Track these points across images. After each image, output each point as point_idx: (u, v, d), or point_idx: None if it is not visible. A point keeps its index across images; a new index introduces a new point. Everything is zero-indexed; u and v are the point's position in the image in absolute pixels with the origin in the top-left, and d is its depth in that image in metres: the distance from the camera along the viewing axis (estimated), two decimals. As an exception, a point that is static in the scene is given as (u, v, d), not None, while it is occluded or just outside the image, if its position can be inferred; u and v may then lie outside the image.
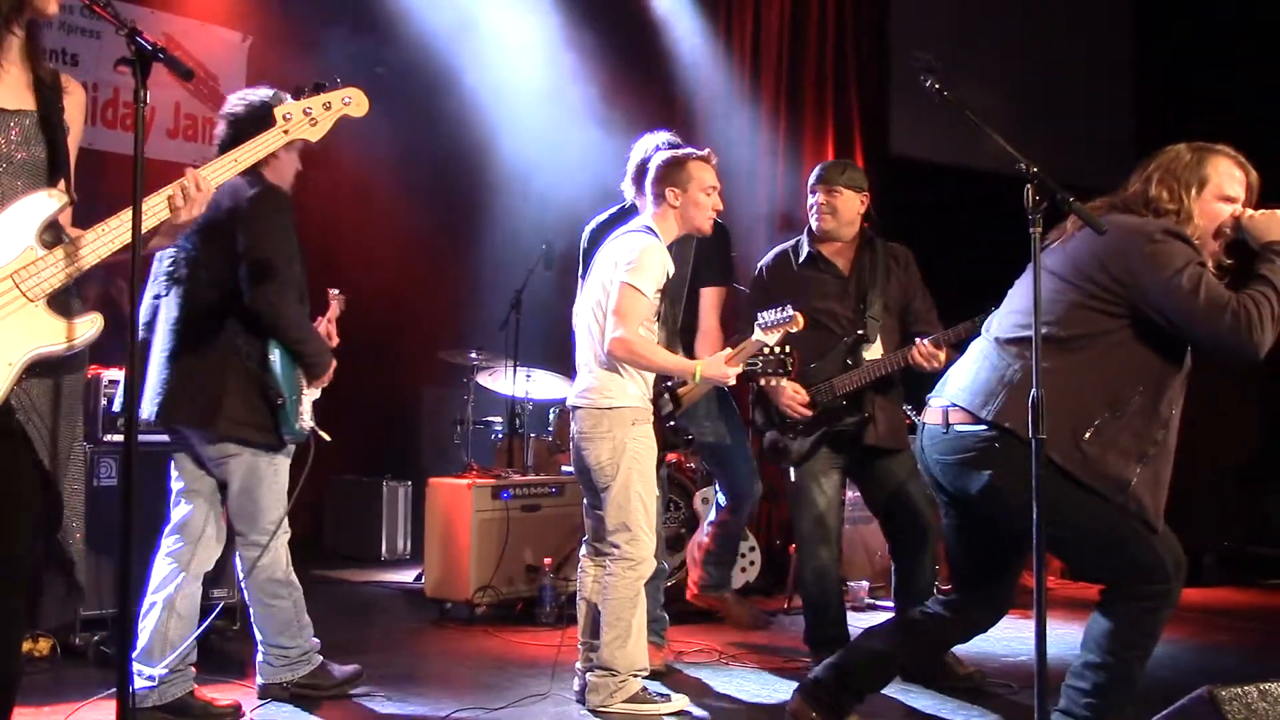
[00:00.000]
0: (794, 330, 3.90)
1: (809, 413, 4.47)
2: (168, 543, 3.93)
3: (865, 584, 6.28)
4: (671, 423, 4.30)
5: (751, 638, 5.39)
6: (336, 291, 4.30)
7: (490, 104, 7.47)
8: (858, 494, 5.69)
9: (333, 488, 7.71)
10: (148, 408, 3.77)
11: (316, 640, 4.12)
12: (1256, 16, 8.25)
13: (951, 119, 3.32)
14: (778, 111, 8.15)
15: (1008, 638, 5.14)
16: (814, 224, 4.61)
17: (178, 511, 3.96)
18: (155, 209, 2.62)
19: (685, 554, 5.84)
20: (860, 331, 4.49)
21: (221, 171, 2.73)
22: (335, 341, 4.18)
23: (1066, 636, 5.42)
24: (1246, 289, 3.07)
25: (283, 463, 3.97)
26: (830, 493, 4.56)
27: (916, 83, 3.23)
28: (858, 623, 4.59)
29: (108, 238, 2.56)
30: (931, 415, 3.36)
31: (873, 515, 4.87)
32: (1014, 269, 3.42)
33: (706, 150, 4.19)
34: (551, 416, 6.92)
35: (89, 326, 2.57)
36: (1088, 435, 3.08)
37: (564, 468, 6.31)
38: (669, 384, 4.32)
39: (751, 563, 6.21)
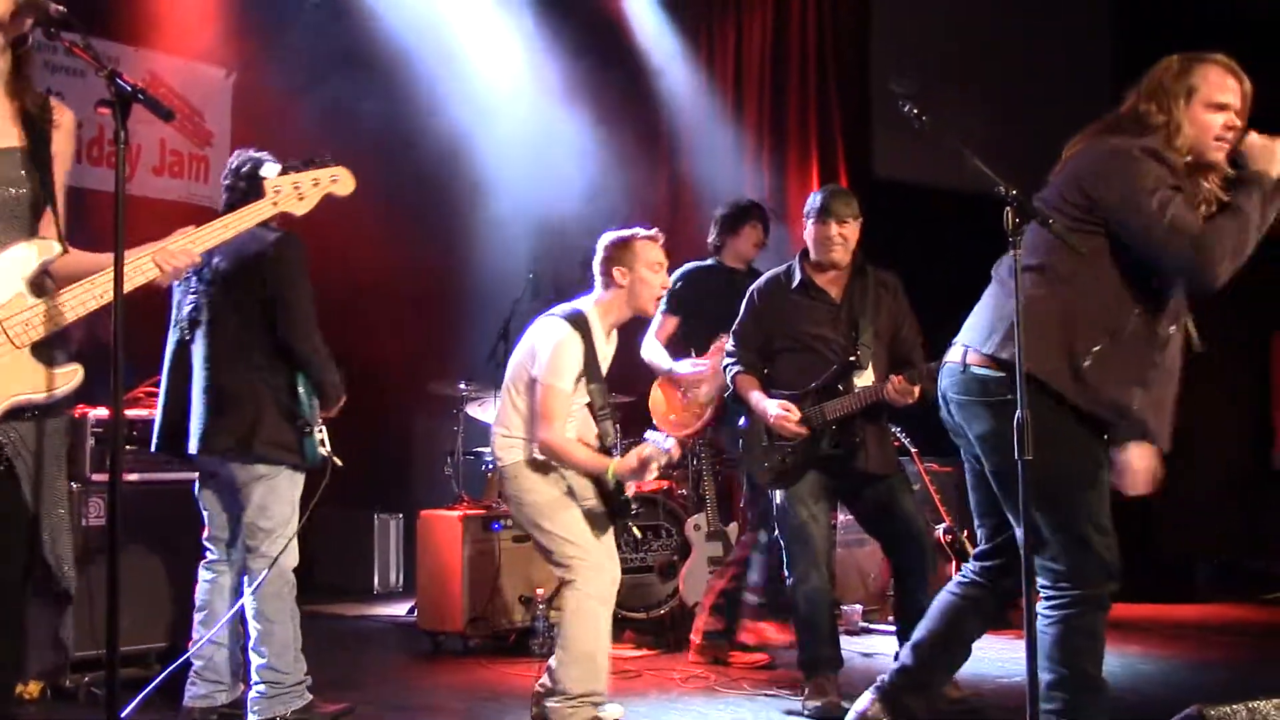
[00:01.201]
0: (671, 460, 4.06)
1: (802, 430, 4.46)
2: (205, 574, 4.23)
3: (859, 608, 6.28)
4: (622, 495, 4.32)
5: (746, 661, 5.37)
6: None
7: (476, 134, 7.49)
8: (849, 517, 5.70)
9: (323, 521, 7.60)
10: (192, 443, 4.04)
11: (309, 678, 4.11)
12: (1235, 35, 8.32)
13: (933, 141, 3.35)
14: (761, 135, 8.20)
15: (1003, 658, 5.13)
16: (824, 256, 4.61)
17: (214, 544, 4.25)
18: (142, 268, 2.67)
19: (679, 580, 5.83)
20: (853, 358, 4.50)
21: (210, 238, 2.84)
22: None
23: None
24: (1214, 217, 3.06)
25: (300, 484, 4.16)
26: (820, 516, 4.56)
27: (898, 105, 3.25)
28: (851, 647, 4.60)
29: (95, 291, 2.61)
30: (952, 353, 3.39)
31: (867, 538, 4.87)
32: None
33: (654, 230, 4.26)
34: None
35: (69, 379, 2.63)
36: (1087, 364, 3.09)
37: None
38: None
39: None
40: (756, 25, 8.31)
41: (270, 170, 3.51)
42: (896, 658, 3.75)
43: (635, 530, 4.70)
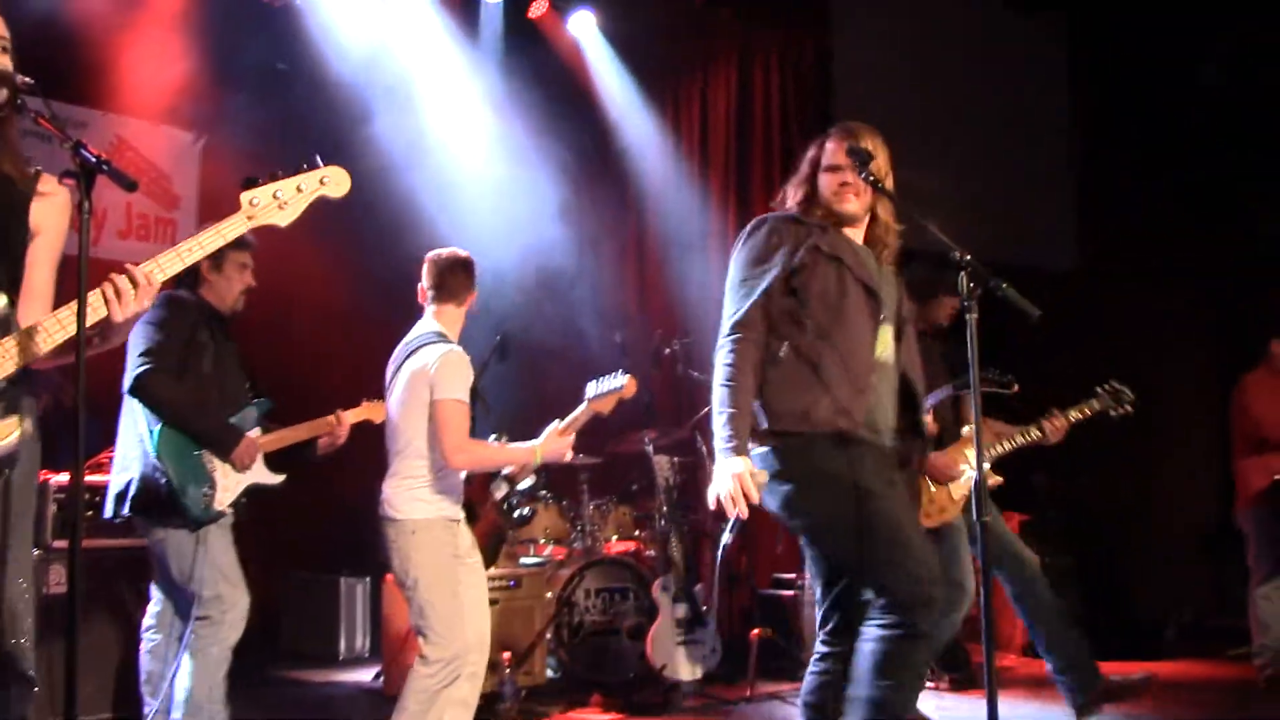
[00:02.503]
0: (627, 397, 4.11)
1: None
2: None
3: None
4: (506, 505, 4.35)
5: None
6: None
7: (444, 196, 7.54)
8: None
9: (289, 585, 7.62)
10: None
11: None
12: (1189, 97, 8.52)
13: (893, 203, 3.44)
14: (726, 195, 8.29)
15: (969, 716, 5.13)
16: None
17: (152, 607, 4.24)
18: (92, 303, 2.55)
19: (646, 643, 5.81)
20: None
21: (171, 263, 2.64)
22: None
23: (1027, 716, 5.43)
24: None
25: (213, 537, 4.06)
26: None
27: (856, 170, 3.34)
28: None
29: (48, 336, 2.54)
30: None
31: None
32: (961, 345, 3.49)
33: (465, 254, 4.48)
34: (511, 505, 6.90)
35: (7, 432, 2.54)
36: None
37: (522, 560, 6.28)
38: (504, 473, 4.46)
39: (713, 649, 6.17)
40: (721, 87, 8.43)
41: (251, 182, 3.37)
42: None
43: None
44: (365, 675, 6.71)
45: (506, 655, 5.54)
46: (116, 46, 6.69)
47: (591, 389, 4.11)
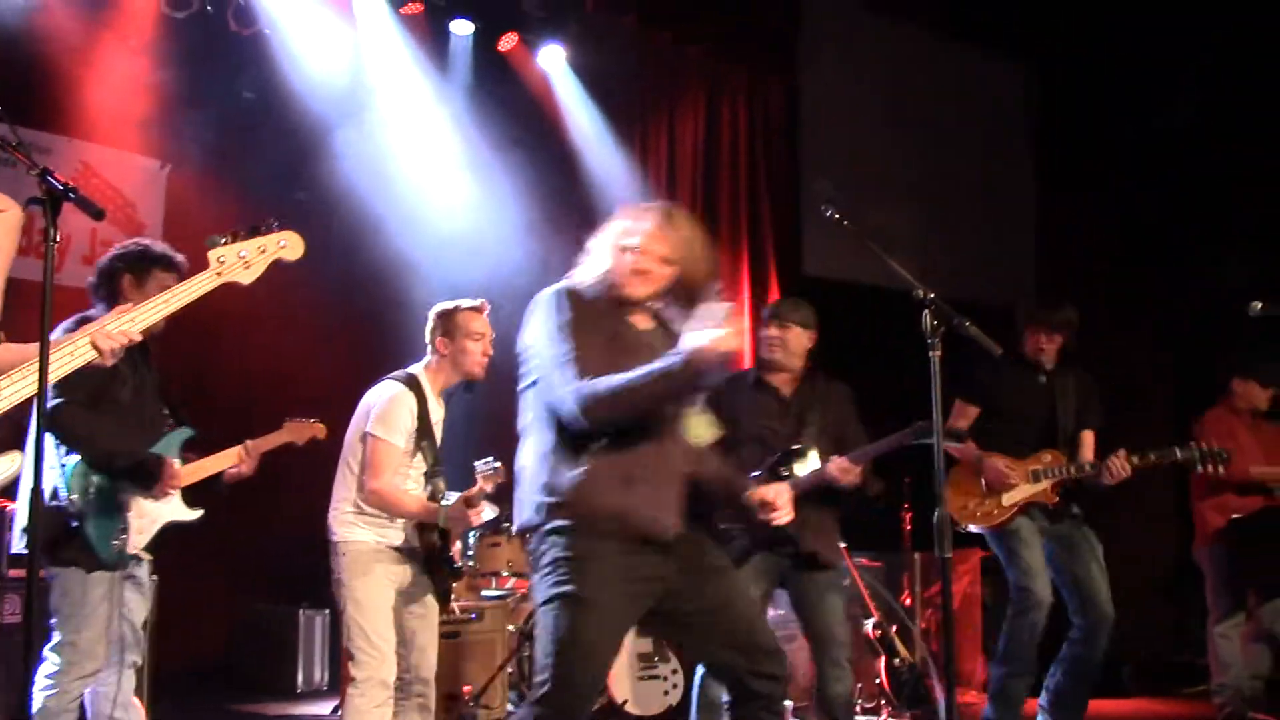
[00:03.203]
0: (499, 481, 4.24)
1: (787, 518, 4.53)
2: None
3: (789, 704, 6.25)
4: (445, 557, 4.40)
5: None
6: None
7: (410, 227, 7.54)
8: (778, 613, 5.72)
9: (247, 617, 7.53)
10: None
11: None
12: (1150, 142, 8.66)
13: (857, 241, 3.47)
14: (694, 234, 8.34)
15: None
16: (764, 354, 4.87)
17: None
18: (81, 349, 2.63)
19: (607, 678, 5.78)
20: (796, 446, 4.65)
21: (151, 314, 2.76)
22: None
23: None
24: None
25: (95, 583, 3.77)
26: (758, 601, 4.64)
27: (820, 208, 3.38)
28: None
29: (27, 382, 2.56)
30: None
31: (797, 633, 4.93)
32: (926, 385, 3.50)
33: (480, 301, 4.49)
34: (472, 541, 6.86)
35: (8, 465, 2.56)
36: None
37: (484, 592, 6.25)
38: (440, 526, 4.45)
39: (675, 685, 6.15)
40: (689, 124, 8.50)
41: (214, 241, 3.27)
42: None
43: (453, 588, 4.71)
44: (324, 708, 6.64)
45: (467, 689, 5.51)
46: (83, 72, 6.67)
47: (479, 465, 4.28)
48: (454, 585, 4.47)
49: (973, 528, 5.24)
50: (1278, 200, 8.09)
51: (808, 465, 4.63)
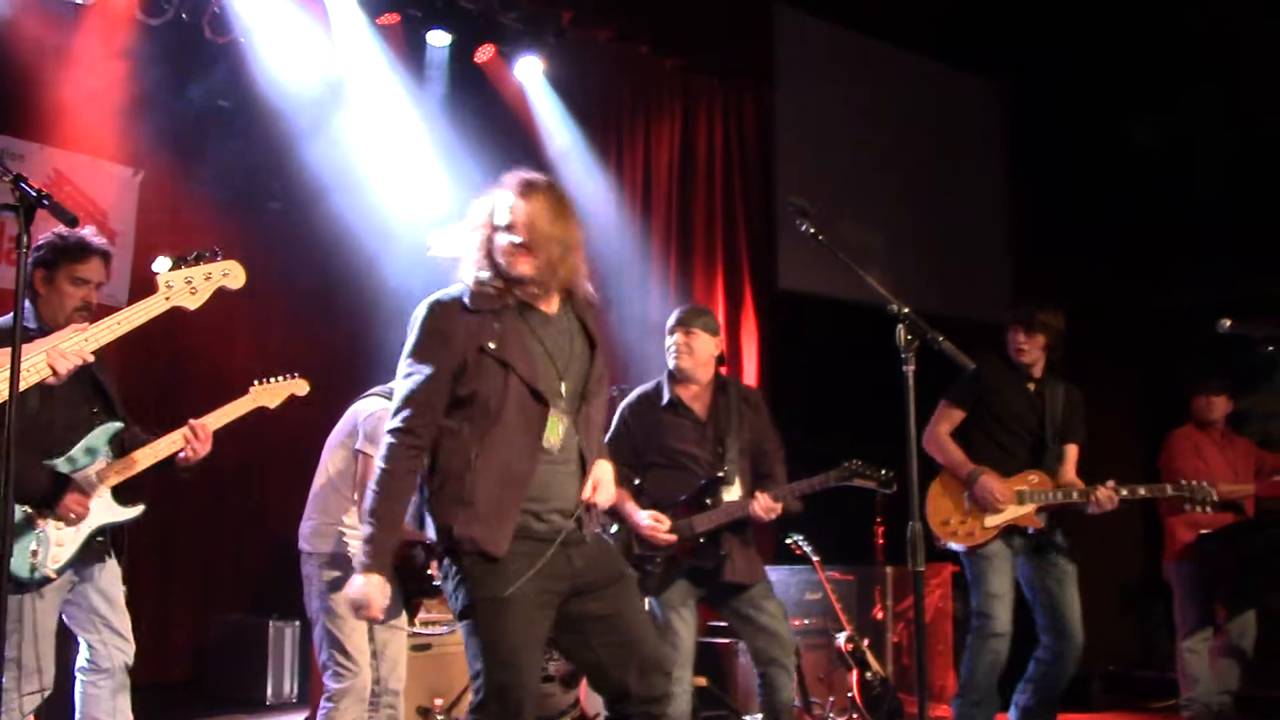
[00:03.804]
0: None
1: (671, 538, 4.60)
2: None
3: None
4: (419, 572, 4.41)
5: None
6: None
7: (385, 236, 7.51)
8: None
9: (216, 629, 7.47)
10: None
11: None
12: (1123, 158, 8.74)
13: (832, 256, 3.48)
14: (668, 246, 8.36)
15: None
16: (671, 363, 4.80)
17: None
18: (35, 367, 2.66)
19: (580, 691, 5.77)
20: (720, 474, 4.67)
21: (103, 335, 2.85)
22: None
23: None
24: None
25: (27, 605, 3.65)
26: (688, 620, 4.70)
27: (794, 222, 3.39)
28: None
29: None
30: None
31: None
32: (898, 400, 3.52)
33: None
34: (444, 551, 6.84)
35: None
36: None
37: (456, 604, 6.23)
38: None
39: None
40: (665, 137, 8.52)
41: (162, 264, 3.28)
42: None
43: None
44: (293, 721, 6.61)
45: (438, 702, 5.48)
46: (56, 79, 6.62)
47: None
48: (424, 599, 4.45)
49: (952, 545, 5.22)
50: (1247, 219, 8.19)
51: (733, 492, 4.66)
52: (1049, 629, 5.12)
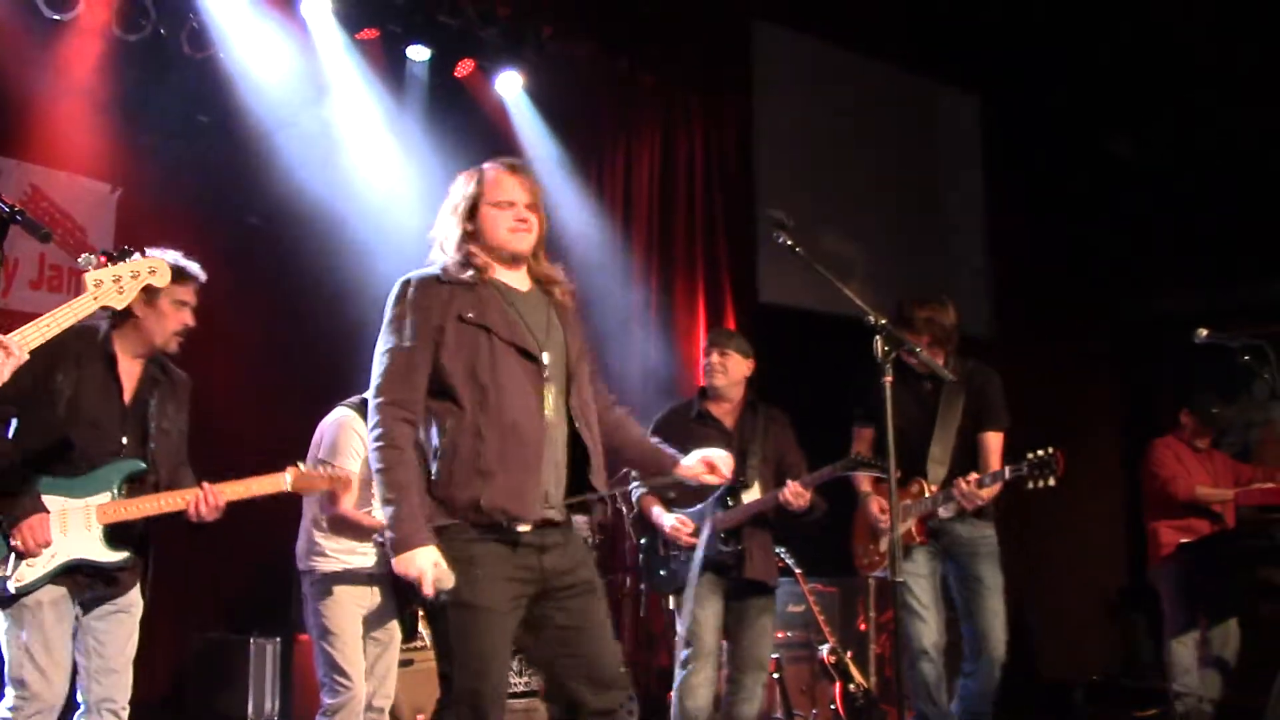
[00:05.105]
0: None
1: (694, 540, 4.81)
2: None
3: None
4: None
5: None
6: None
7: (364, 252, 7.50)
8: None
9: (196, 646, 7.42)
10: None
11: None
12: (1097, 166, 8.80)
13: (810, 269, 3.50)
14: (649, 260, 8.37)
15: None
16: (707, 381, 5.08)
17: None
18: None
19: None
20: (741, 478, 4.82)
21: (35, 337, 2.80)
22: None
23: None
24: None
25: (33, 616, 3.56)
26: (711, 618, 4.83)
27: (772, 235, 3.41)
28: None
29: None
30: None
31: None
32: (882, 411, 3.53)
33: None
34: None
35: None
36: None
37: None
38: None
39: (631, 712, 6.12)
40: (645, 152, 8.54)
41: (88, 262, 3.11)
42: None
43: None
44: (274, 739, 6.57)
45: (421, 717, 5.46)
46: (32, 94, 6.60)
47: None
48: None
49: (876, 574, 5.21)
50: (1223, 229, 8.25)
51: (752, 494, 4.90)
52: (970, 641, 4.93)
